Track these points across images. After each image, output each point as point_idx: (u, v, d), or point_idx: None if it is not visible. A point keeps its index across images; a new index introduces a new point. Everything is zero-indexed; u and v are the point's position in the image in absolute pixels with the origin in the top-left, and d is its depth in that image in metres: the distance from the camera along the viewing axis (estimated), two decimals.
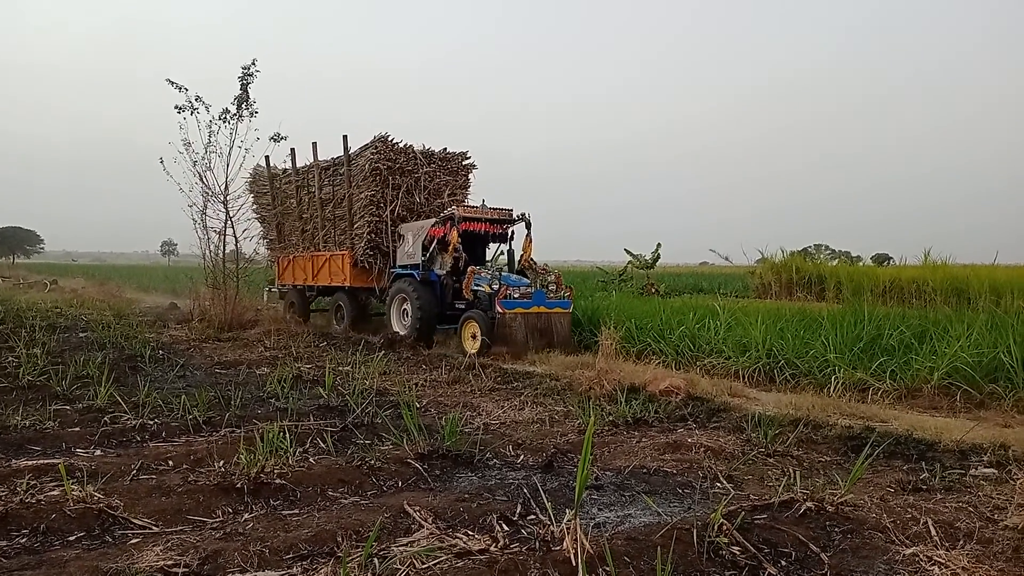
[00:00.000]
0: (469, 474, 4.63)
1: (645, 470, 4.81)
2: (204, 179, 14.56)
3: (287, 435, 4.83)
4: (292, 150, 15.57)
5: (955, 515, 3.87)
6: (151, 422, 5.67)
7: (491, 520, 3.60)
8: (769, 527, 3.54)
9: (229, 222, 14.88)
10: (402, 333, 12.23)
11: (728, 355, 9.40)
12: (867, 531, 3.60)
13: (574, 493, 3.23)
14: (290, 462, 4.46)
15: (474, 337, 10.94)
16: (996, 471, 4.75)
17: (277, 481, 4.15)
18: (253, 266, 16.65)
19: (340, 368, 8.93)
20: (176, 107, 14.23)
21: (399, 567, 2.97)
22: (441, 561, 3.04)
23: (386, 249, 13.50)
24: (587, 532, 3.39)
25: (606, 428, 6.10)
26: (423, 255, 12.25)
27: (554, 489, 4.29)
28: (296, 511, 3.85)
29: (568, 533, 3.05)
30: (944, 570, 3.12)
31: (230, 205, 14.80)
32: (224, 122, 14.45)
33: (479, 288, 11.38)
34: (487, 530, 3.48)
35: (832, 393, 7.70)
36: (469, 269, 11.61)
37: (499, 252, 13.36)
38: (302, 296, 15.97)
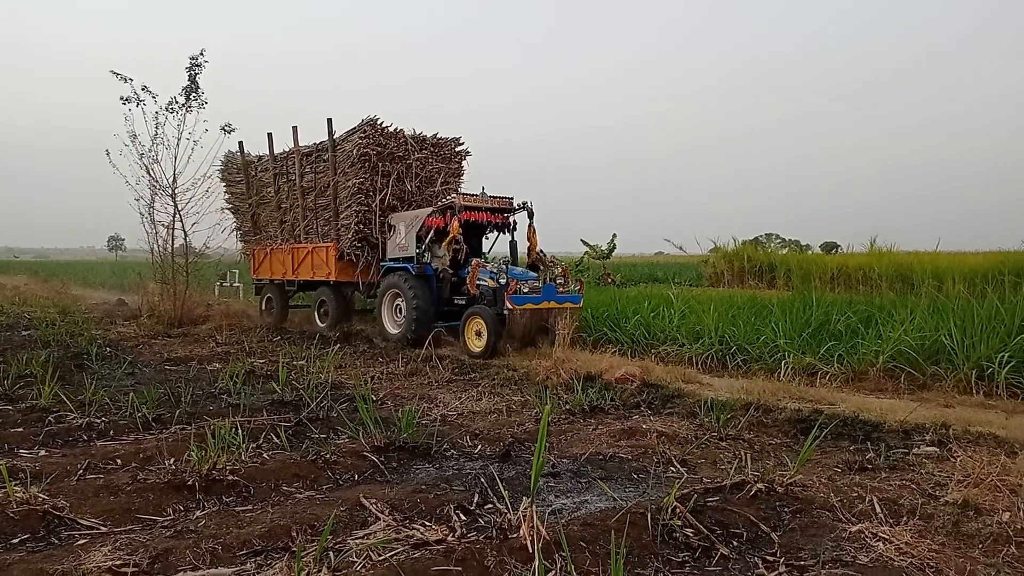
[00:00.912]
0: (426, 465, 4.62)
1: (601, 456, 4.86)
2: (151, 172, 14.16)
3: (240, 431, 4.75)
4: (269, 135, 14.37)
5: (899, 492, 4.00)
6: (98, 421, 5.52)
7: (448, 510, 3.60)
8: (721, 509, 3.61)
9: (178, 216, 14.51)
10: (394, 332, 11.40)
11: (682, 342, 9.54)
12: (815, 510, 3.70)
13: (531, 481, 3.25)
14: (243, 458, 4.39)
15: (479, 335, 10.09)
16: (937, 449, 4.92)
17: (230, 477, 4.08)
18: (203, 260, 16.11)
19: (295, 362, 8.82)
20: (121, 99, 13.81)
21: (355, 560, 2.95)
22: (398, 552, 3.03)
23: (375, 241, 12.52)
24: (544, 519, 3.42)
25: (563, 416, 6.15)
26: (417, 247, 11.35)
27: (511, 478, 4.31)
28: (249, 507, 3.79)
29: (524, 521, 3.07)
30: (888, 546, 3.22)
31: (179, 198, 14.39)
32: (171, 113, 14.06)
33: (482, 282, 10.61)
34: (444, 520, 3.49)
35: (782, 378, 7.87)
36: (474, 262, 10.81)
37: (495, 243, 12.63)
38: (281, 292, 14.90)
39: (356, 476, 4.36)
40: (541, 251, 11.39)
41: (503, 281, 10.25)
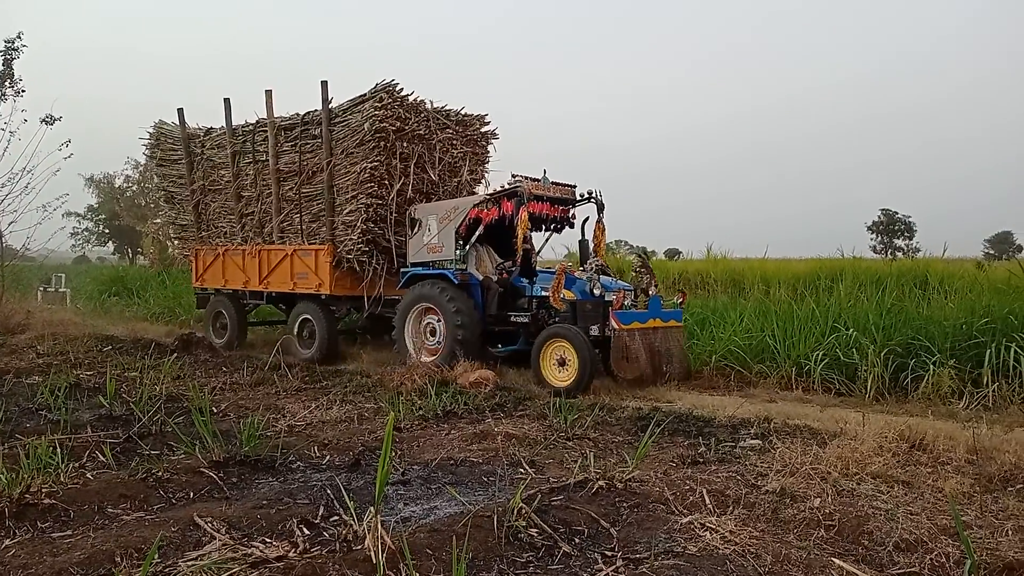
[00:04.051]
0: (270, 479, 4.44)
1: (452, 461, 4.88)
2: None
3: (59, 449, 4.36)
4: (226, 100, 11.31)
5: (726, 484, 4.30)
6: None
7: (291, 525, 3.48)
8: (565, 507, 3.73)
9: None
10: (426, 360, 8.77)
11: None
12: (651, 504, 3.90)
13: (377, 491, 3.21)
14: (62, 479, 4.03)
15: (563, 364, 7.77)
16: (760, 442, 5.34)
17: (46, 501, 3.72)
18: (23, 263, 14.57)
19: (127, 374, 8.20)
20: None
21: None
22: (234, 572, 2.90)
23: (386, 244, 9.81)
24: (392, 528, 3.39)
25: (416, 422, 6.11)
26: (458, 247, 8.95)
27: (360, 488, 4.23)
28: (68, 532, 3.48)
29: (369, 531, 3.03)
30: (715, 535, 3.46)
31: None
32: None
33: (546, 294, 8.32)
34: (287, 536, 3.37)
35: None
36: (558, 267, 8.38)
37: (545, 243, 10.22)
38: (236, 306, 11.72)
39: (191, 494, 4.12)
40: (643, 252, 9.42)
41: (597, 292, 7.99)
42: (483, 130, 10.91)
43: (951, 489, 4.16)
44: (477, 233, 8.92)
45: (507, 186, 8.79)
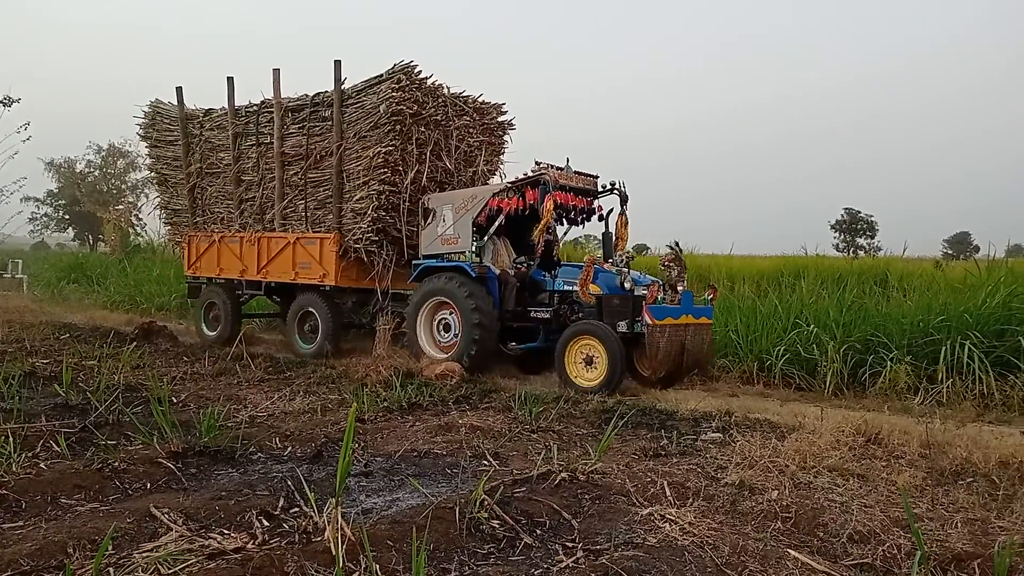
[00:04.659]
0: (230, 470, 4.38)
1: (416, 453, 4.87)
2: None
3: (11, 439, 4.25)
4: (229, 79, 10.79)
5: (686, 476, 4.35)
6: None
7: (250, 517, 3.44)
8: (527, 499, 3.74)
9: None
10: (439, 357, 8.47)
11: None
12: (613, 496, 3.93)
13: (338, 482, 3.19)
14: (14, 469, 3.93)
15: (590, 363, 7.47)
16: (721, 435, 5.41)
17: None
18: None
19: (85, 363, 8.02)
20: None
21: (140, 575, 2.75)
22: (190, 564, 2.85)
23: (397, 234, 9.42)
24: (353, 519, 3.37)
25: (380, 414, 6.09)
26: (476, 238, 8.62)
27: (322, 479, 4.20)
28: (19, 524, 3.39)
29: (329, 523, 3.01)
30: (674, 526, 3.50)
31: None
32: None
33: (569, 288, 8.11)
34: (246, 527, 3.33)
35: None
36: (587, 258, 8.06)
37: (565, 234, 10.04)
38: (231, 296, 11.19)
39: (149, 485, 4.04)
40: (676, 243, 8.22)
41: (628, 286, 7.70)
42: (500, 119, 10.49)
43: (904, 482, 4.25)
44: (497, 224, 8.57)
45: (530, 174, 8.39)
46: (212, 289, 11.50)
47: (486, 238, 8.69)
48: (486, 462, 4.64)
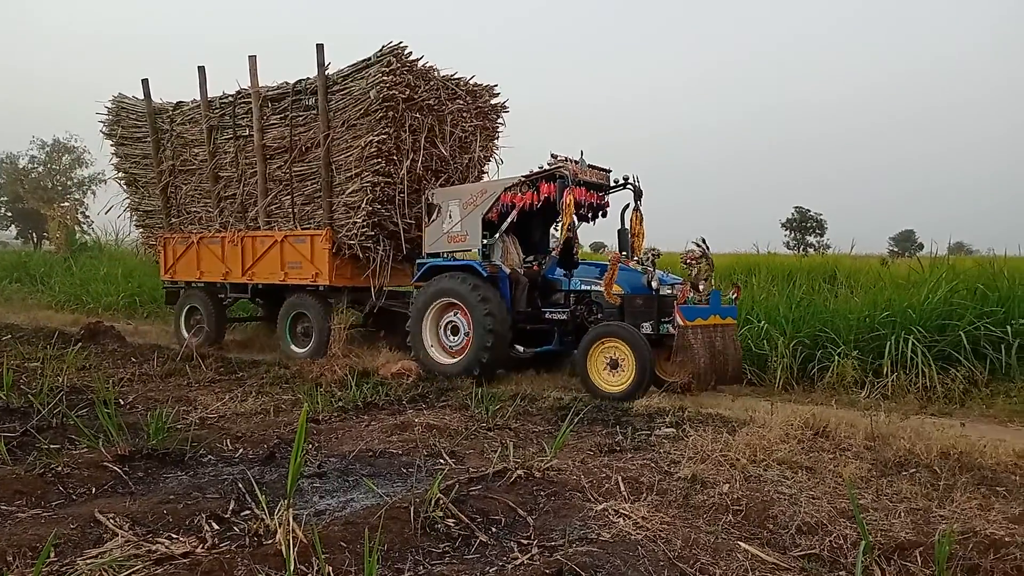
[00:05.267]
0: (179, 473, 4.29)
1: (371, 453, 4.83)
2: None
3: None
4: (201, 69, 10.23)
5: (640, 471, 4.40)
6: None
7: (199, 520, 3.38)
8: (483, 497, 3.74)
9: None
10: (447, 362, 8.09)
11: None
12: (568, 492, 3.95)
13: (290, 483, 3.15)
14: None
15: (616, 367, 7.04)
16: (675, 430, 5.48)
17: None
18: None
19: (27, 364, 7.77)
20: None
21: None
22: (137, 570, 2.79)
23: (394, 228, 8.89)
24: (306, 521, 3.34)
25: (335, 414, 6.03)
26: (486, 235, 8.24)
27: (273, 481, 4.14)
28: None
29: (280, 525, 2.97)
30: (627, 521, 3.53)
31: None
32: None
33: (595, 286, 7.74)
34: (195, 531, 3.27)
35: (552, 369, 8.36)
36: (612, 256, 7.73)
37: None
38: (213, 300, 10.62)
39: (94, 489, 3.94)
40: (703, 240, 7.66)
41: (654, 285, 7.33)
42: (493, 102, 9.96)
43: (850, 474, 4.37)
44: (509, 220, 8.08)
45: (547, 167, 7.95)
46: (192, 294, 10.90)
47: (498, 236, 8.28)
48: (442, 461, 4.63)
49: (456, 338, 8.15)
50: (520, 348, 7.98)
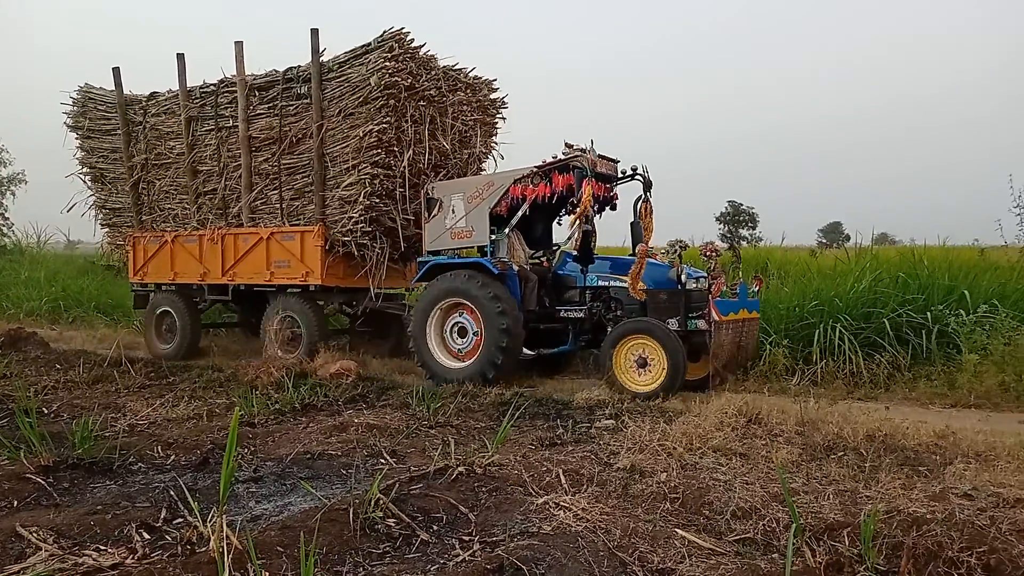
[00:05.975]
0: (107, 483, 4.14)
1: (309, 455, 4.75)
2: None
3: None
4: (179, 56, 9.54)
5: (580, 463, 4.44)
6: None
7: (129, 530, 3.27)
8: (424, 495, 3.72)
9: None
10: (454, 366, 7.65)
11: None
12: (509, 487, 3.97)
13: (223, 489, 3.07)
14: None
15: (645, 365, 6.77)
16: (614, 422, 5.56)
17: None
18: None
19: None
20: None
21: None
22: None
23: (391, 223, 8.41)
24: (241, 527, 3.26)
25: (271, 417, 5.91)
26: (493, 231, 7.76)
27: (207, 487, 4.03)
28: None
29: (214, 532, 2.89)
30: (568, 513, 3.56)
31: None
32: None
33: (616, 283, 7.47)
34: (124, 542, 3.16)
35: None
36: (639, 249, 7.25)
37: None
38: (188, 304, 9.97)
39: (15, 502, 3.76)
40: (728, 234, 7.47)
41: (683, 279, 7.06)
42: (492, 97, 9.54)
43: (781, 459, 4.51)
44: (520, 214, 7.64)
45: (561, 157, 7.49)
46: (164, 296, 10.18)
47: (508, 230, 7.83)
48: (382, 460, 4.59)
49: (464, 341, 7.68)
50: (528, 351, 7.59)
